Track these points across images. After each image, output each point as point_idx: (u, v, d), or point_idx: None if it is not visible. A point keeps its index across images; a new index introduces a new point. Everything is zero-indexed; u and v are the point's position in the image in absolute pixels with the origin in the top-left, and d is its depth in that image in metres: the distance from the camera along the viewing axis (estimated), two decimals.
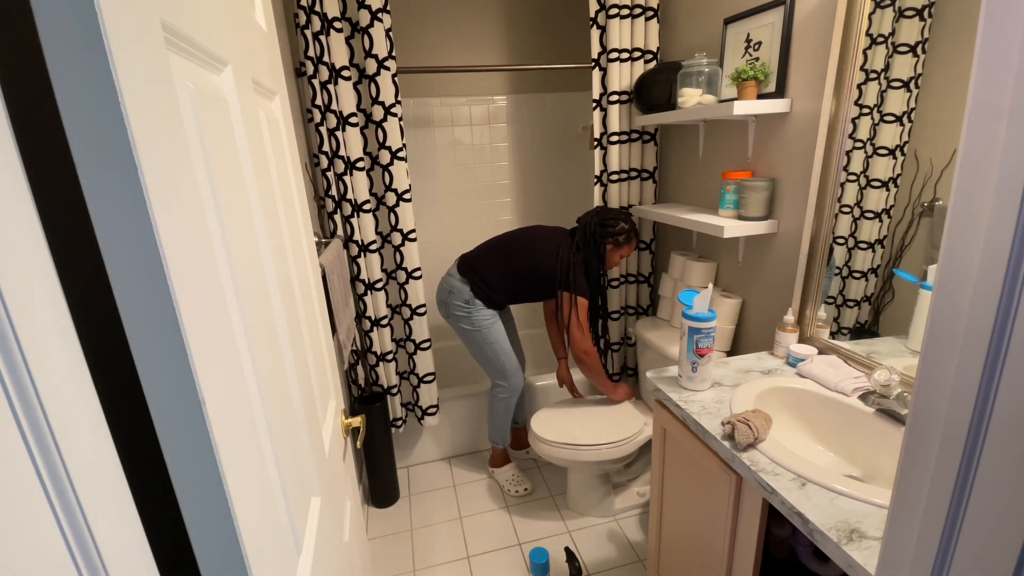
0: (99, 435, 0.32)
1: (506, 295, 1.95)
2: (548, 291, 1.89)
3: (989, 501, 0.37)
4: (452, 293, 1.93)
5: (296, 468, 0.65)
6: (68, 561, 0.28)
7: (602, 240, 1.84)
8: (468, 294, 1.92)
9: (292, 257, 0.78)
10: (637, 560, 1.78)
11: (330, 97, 1.70)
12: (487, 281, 1.91)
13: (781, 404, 1.22)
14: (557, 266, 1.82)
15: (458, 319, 1.96)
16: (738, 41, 1.56)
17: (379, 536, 1.96)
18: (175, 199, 0.38)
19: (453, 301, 1.94)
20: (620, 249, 1.88)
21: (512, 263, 1.89)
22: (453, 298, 1.93)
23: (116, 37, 0.32)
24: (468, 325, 1.94)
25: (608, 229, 1.84)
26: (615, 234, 1.85)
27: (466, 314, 1.93)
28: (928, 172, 1.10)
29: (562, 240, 1.88)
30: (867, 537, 0.80)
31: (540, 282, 1.87)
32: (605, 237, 1.84)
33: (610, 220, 1.85)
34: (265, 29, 0.80)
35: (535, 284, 1.89)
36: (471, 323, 1.94)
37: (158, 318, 0.36)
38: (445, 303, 1.97)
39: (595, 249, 1.85)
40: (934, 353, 0.40)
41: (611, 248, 1.87)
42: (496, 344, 1.99)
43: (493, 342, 1.98)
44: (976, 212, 0.36)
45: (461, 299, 1.92)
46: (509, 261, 1.89)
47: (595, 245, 1.84)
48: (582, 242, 1.86)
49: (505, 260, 1.90)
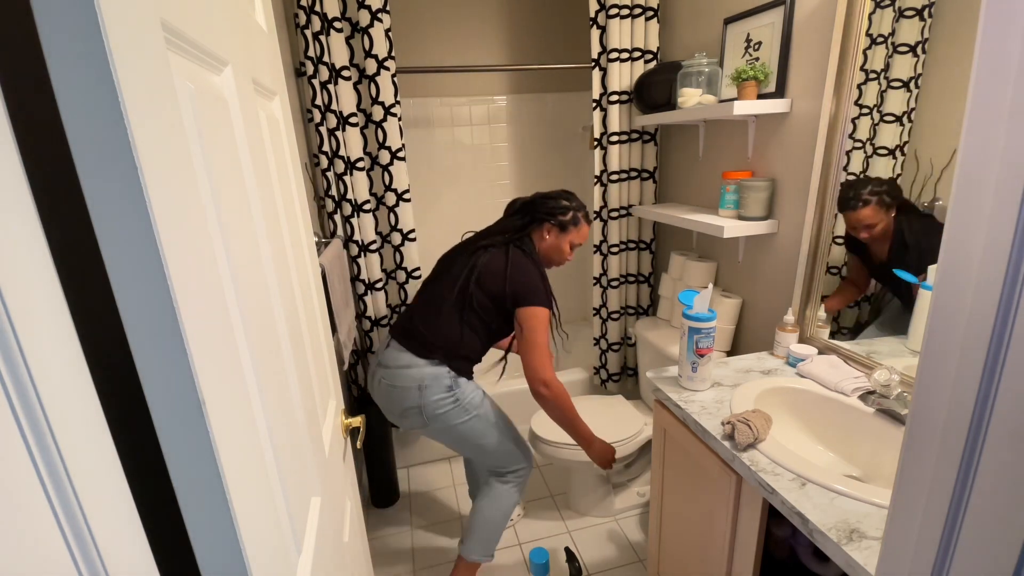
0: (99, 435, 0.32)
1: (482, 345, 1.47)
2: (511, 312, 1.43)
3: (989, 501, 0.37)
4: (425, 388, 1.38)
5: (296, 468, 0.65)
6: (68, 561, 0.28)
7: (539, 224, 1.45)
8: (448, 377, 1.40)
9: (292, 257, 0.78)
10: (637, 560, 1.78)
11: (330, 97, 1.70)
12: (453, 342, 1.41)
13: (781, 404, 1.22)
14: (505, 274, 1.38)
15: (444, 417, 1.41)
16: (738, 41, 1.56)
17: (379, 536, 1.96)
18: (175, 199, 0.38)
19: (430, 398, 1.38)
20: (568, 234, 1.47)
21: (464, 301, 1.41)
22: (429, 394, 1.38)
23: (116, 37, 0.32)
24: (461, 416, 1.42)
25: (545, 209, 1.45)
26: (554, 213, 1.44)
27: (453, 404, 1.41)
28: (928, 172, 1.10)
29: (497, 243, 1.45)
30: (867, 537, 0.80)
31: (500, 302, 1.42)
32: (542, 220, 1.45)
33: (547, 198, 1.47)
34: (265, 29, 0.80)
35: (499, 309, 1.43)
36: (464, 411, 1.42)
37: (158, 318, 0.36)
38: (417, 408, 1.40)
39: (530, 243, 1.46)
40: (934, 353, 0.40)
41: (555, 235, 1.46)
42: (500, 420, 1.50)
43: (496, 419, 1.49)
44: (976, 212, 0.36)
45: (441, 389, 1.39)
46: (460, 301, 1.41)
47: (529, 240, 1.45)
48: (517, 237, 1.45)
49: (455, 302, 1.41)
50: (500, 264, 1.40)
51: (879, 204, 1.20)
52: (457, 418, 1.42)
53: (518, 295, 1.38)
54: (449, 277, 1.45)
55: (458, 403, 1.42)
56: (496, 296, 1.40)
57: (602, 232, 2.11)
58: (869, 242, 1.24)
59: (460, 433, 1.45)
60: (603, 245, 2.13)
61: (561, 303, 2.90)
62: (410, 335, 1.45)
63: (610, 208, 2.06)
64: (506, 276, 1.38)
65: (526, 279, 1.39)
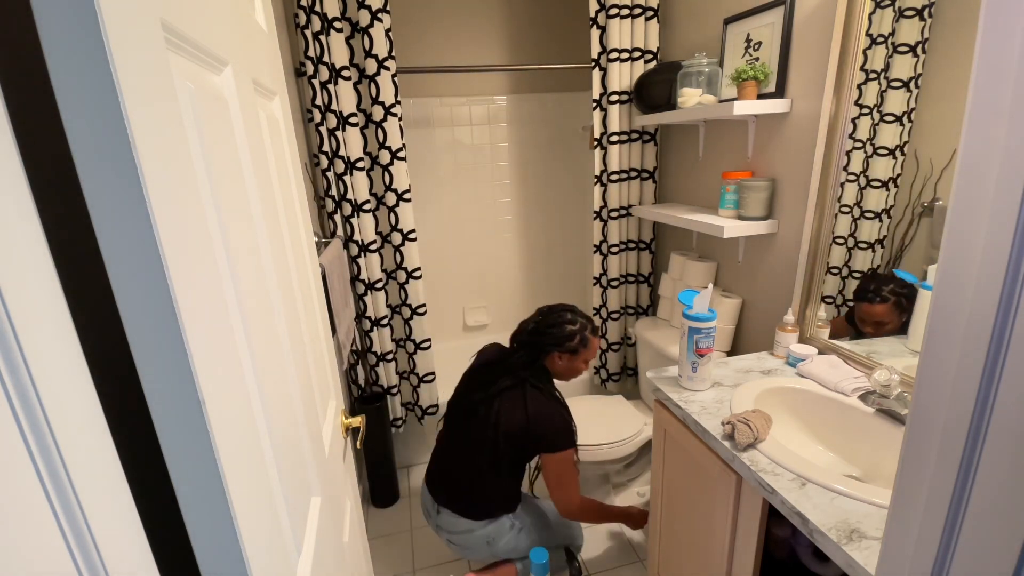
0: (99, 435, 0.32)
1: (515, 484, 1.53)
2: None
3: (989, 501, 0.37)
4: (493, 541, 1.50)
5: (296, 468, 0.65)
6: (68, 561, 0.28)
7: (547, 354, 1.43)
8: (508, 519, 1.51)
9: (292, 257, 0.78)
10: (637, 560, 1.78)
11: (330, 97, 1.70)
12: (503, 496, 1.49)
13: (781, 404, 1.22)
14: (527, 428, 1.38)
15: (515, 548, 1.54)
16: (738, 41, 1.56)
17: (379, 536, 1.96)
18: (175, 199, 0.38)
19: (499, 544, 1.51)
20: (579, 356, 1.44)
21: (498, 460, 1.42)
22: (497, 542, 1.51)
23: (116, 37, 0.32)
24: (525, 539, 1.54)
25: (551, 340, 1.41)
26: (561, 342, 1.41)
27: (519, 532, 1.53)
28: (928, 172, 1.10)
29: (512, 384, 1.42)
30: (867, 537, 0.80)
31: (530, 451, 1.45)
32: (550, 349, 1.42)
33: (551, 327, 1.42)
34: (265, 29, 0.80)
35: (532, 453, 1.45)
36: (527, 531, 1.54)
37: (158, 318, 0.36)
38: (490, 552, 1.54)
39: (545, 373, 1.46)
40: (934, 353, 0.40)
41: (567, 359, 1.44)
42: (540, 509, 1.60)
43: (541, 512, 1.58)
44: (976, 212, 0.36)
45: (505, 531, 1.50)
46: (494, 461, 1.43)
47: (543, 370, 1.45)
48: (529, 372, 1.42)
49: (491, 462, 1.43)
50: (520, 416, 1.39)
51: (895, 305, 1.20)
52: (525, 540, 1.54)
53: (541, 444, 1.40)
54: (477, 432, 1.44)
55: (522, 529, 1.53)
56: (523, 447, 1.43)
57: (602, 232, 2.11)
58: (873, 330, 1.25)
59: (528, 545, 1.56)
60: (603, 245, 2.13)
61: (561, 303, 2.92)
62: (457, 497, 1.49)
63: (610, 208, 2.06)
64: (528, 430, 1.39)
65: (548, 425, 1.39)
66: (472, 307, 2.74)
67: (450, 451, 1.53)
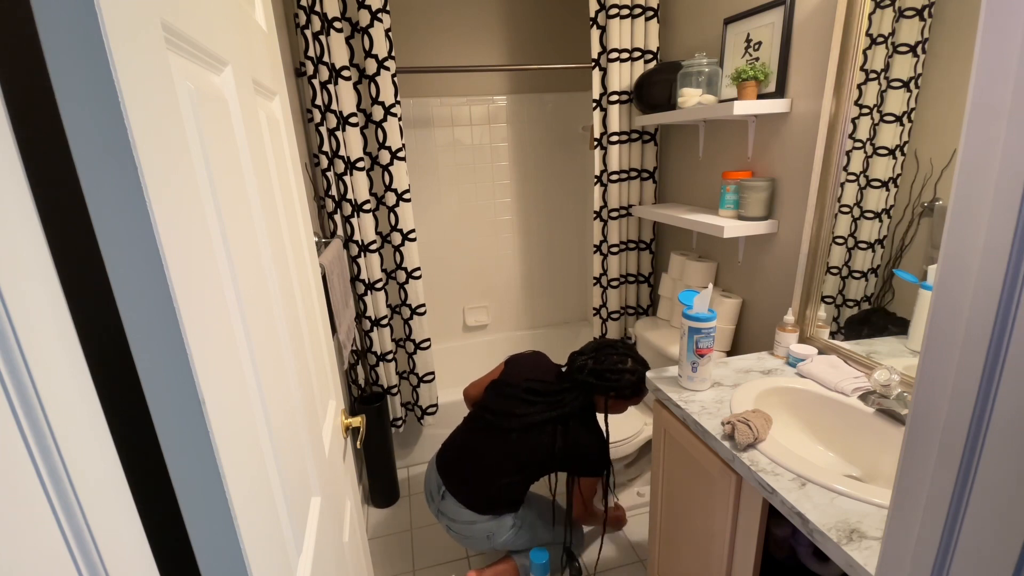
0: (99, 435, 0.32)
1: (526, 489, 1.58)
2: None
3: (989, 501, 0.37)
4: (493, 535, 1.55)
5: (296, 468, 0.65)
6: (68, 561, 0.28)
7: (600, 393, 1.48)
8: (510, 518, 1.56)
9: (292, 257, 0.78)
10: (637, 560, 1.78)
11: (330, 97, 1.70)
12: (512, 500, 1.54)
13: (781, 404, 1.22)
14: (573, 461, 1.47)
15: (514, 543, 1.62)
16: (738, 41, 1.56)
17: (379, 536, 1.96)
18: (175, 199, 0.38)
19: (499, 540, 1.57)
20: (628, 401, 1.52)
21: (526, 473, 1.49)
22: (497, 537, 1.56)
23: (116, 37, 0.32)
24: (524, 536, 1.61)
25: (608, 383, 1.47)
26: (619, 389, 1.47)
27: (518, 530, 1.60)
28: (928, 172, 1.10)
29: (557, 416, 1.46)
30: (867, 537, 0.80)
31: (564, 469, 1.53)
32: (604, 391, 1.47)
33: (610, 372, 1.47)
34: (265, 29, 0.80)
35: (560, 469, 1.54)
36: (527, 529, 1.61)
37: (158, 318, 0.36)
38: (489, 546, 1.60)
39: (591, 406, 1.51)
40: (934, 353, 0.40)
41: (615, 402, 1.51)
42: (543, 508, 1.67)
43: (544, 511, 1.66)
44: (976, 212, 0.36)
45: (506, 529, 1.56)
46: (522, 473, 1.49)
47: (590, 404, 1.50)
48: (580, 406, 1.48)
49: (516, 471, 1.49)
50: (562, 444, 1.46)
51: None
52: (525, 538, 1.62)
53: (583, 471, 1.51)
54: (513, 447, 1.48)
55: (523, 527, 1.59)
56: (558, 468, 1.51)
57: (602, 232, 2.11)
58: None
59: (528, 542, 1.63)
60: (603, 245, 2.13)
61: (561, 303, 2.92)
62: (467, 489, 1.52)
63: (610, 208, 2.06)
64: (569, 455, 1.47)
65: (591, 457, 1.48)
66: (472, 307, 2.74)
67: (474, 447, 1.54)
